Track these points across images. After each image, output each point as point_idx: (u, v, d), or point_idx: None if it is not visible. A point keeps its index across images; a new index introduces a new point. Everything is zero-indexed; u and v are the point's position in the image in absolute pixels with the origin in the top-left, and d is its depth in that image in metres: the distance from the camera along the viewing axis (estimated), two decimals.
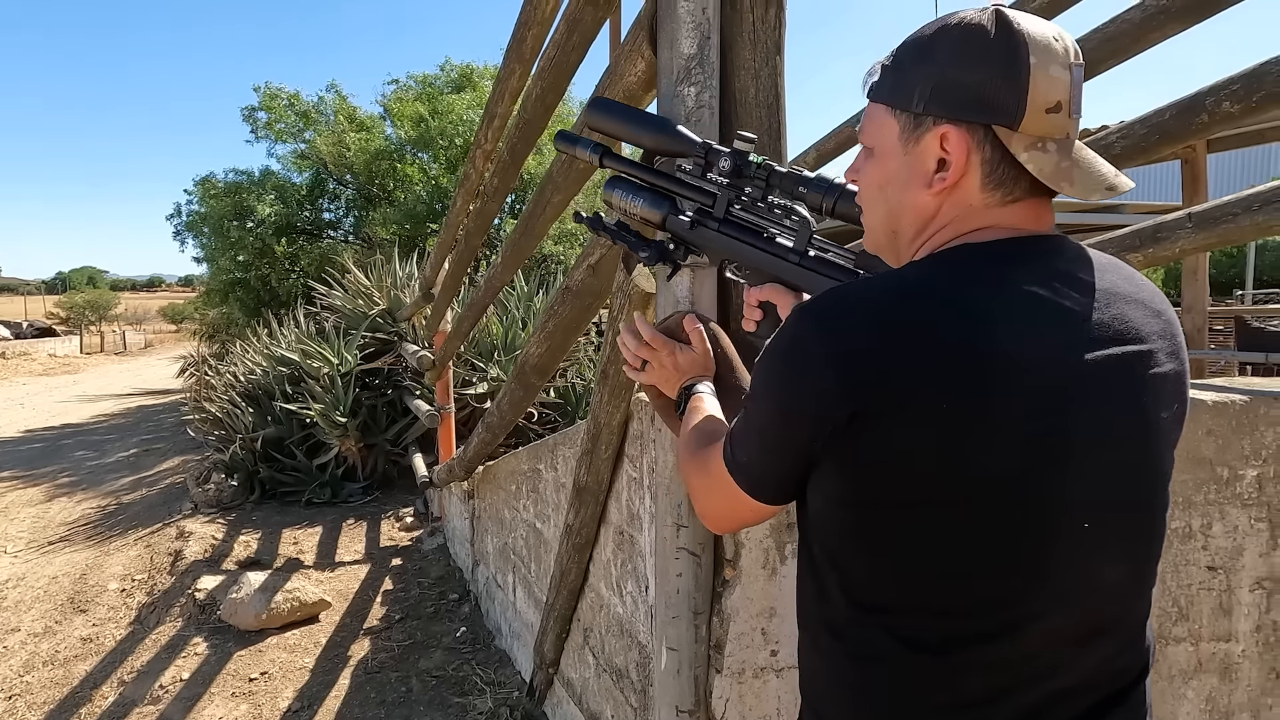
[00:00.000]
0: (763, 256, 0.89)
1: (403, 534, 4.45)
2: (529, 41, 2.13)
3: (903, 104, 0.65)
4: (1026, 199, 0.64)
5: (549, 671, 2.24)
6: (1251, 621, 1.42)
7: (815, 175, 0.86)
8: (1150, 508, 0.67)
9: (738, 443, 0.70)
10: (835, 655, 0.68)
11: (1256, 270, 13.10)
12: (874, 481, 0.61)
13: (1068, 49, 0.61)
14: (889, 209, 0.69)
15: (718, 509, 0.76)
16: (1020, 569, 0.61)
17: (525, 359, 2.15)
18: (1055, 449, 0.59)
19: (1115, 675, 0.67)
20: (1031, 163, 0.61)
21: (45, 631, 3.37)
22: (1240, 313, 6.99)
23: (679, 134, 0.95)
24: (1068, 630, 0.63)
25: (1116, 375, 0.61)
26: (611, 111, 1.00)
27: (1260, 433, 1.39)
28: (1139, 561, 0.67)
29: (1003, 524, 0.60)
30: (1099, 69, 2.15)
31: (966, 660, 0.62)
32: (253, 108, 9.62)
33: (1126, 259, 1.75)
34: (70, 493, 5.85)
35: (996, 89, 0.60)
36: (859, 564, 0.65)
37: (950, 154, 0.62)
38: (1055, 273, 0.62)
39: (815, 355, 0.60)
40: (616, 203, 0.99)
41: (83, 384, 14.56)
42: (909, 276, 0.63)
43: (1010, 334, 0.58)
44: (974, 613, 0.62)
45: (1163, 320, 0.67)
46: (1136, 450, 0.64)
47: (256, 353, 5.96)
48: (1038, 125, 0.60)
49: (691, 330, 0.94)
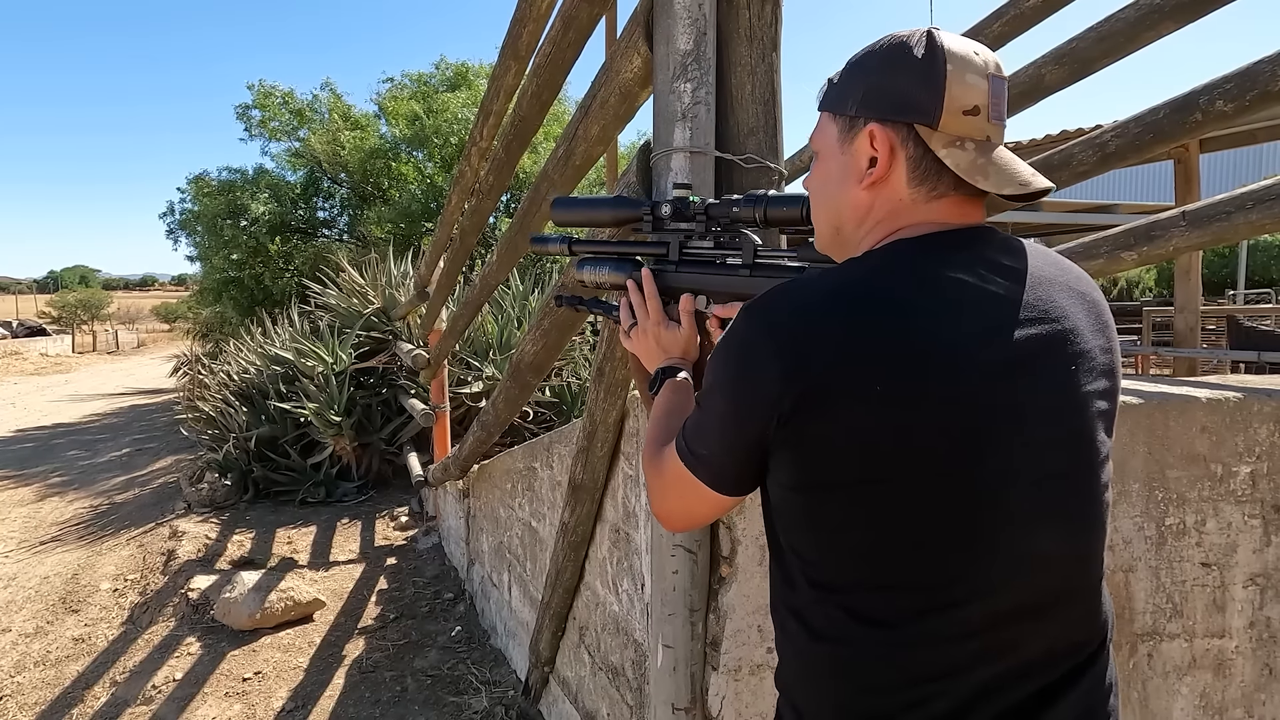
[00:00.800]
0: (718, 279, 0.96)
1: (397, 533, 4.44)
2: (524, 38, 2.13)
3: (840, 110, 0.72)
4: (952, 195, 0.69)
5: (544, 670, 2.24)
6: (1245, 618, 1.43)
7: (741, 195, 0.93)
8: (1088, 481, 0.69)
9: (693, 437, 0.73)
10: (799, 639, 0.71)
11: (1248, 270, 13.19)
12: (820, 465, 0.65)
13: (987, 62, 0.68)
14: (831, 205, 0.75)
15: (672, 505, 0.78)
16: (963, 545, 0.64)
17: (521, 357, 2.15)
18: (987, 427, 0.63)
19: (1074, 648, 0.69)
20: (949, 158, 0.66)
21: (37, 632, 3.35)
22: (1233, 312, 7.03)
23: (628, 201, 1.05)
24: (1018, 604, 0.65)
25: (1043, 354, 0.65)
26: (569, 205, 1.12)
27: (1254, 429, 1.40)
28: (1081, 535, 0.69)
29: (941, 501, 0.63)
30: (1094, 68, 2.16)
31: (921, 635, 0.64)
32: (247, 105, 9.58)
33: (1121, 257, 1.76)
34: (62, 492, 5.81)
35: (916, 92, 0.67)
36: (814, 546, 0.68)
37: (877, 150, 0.69)
38: (982, 260, 0.67)
39: (760, 347, 0.64)
40: (588, 279, 1.09)
41: (75, 383, 14.47)
42: (845, 271, 0.69)
43: (938, 319, 0.63)
44: (923, 588, 0.64)
45: (1087, 301, 0.71)
46: (1067, 425, 0.67)
47: (250, 352, 5.94)
48: (955, 125, 0.66)
49: (684, 312, 0.97)
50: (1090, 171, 1.96)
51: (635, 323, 0.99)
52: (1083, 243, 1.83)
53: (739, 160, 1.22)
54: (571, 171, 1.74)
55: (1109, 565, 1.36)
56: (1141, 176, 16.72)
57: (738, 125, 1.23)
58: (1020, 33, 2.35)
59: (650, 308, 0.98)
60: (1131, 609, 1.38)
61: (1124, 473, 1.34)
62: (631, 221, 1.05)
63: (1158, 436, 1.36)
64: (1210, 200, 1.58)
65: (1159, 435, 1.36)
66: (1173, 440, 1.37)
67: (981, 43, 2.31)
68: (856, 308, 0.63)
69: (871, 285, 0.65)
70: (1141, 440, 1.35)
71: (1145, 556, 1.38)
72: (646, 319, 0.98)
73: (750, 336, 0.66)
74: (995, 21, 2.37)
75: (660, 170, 1.23)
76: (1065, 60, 2.19)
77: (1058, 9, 2.25)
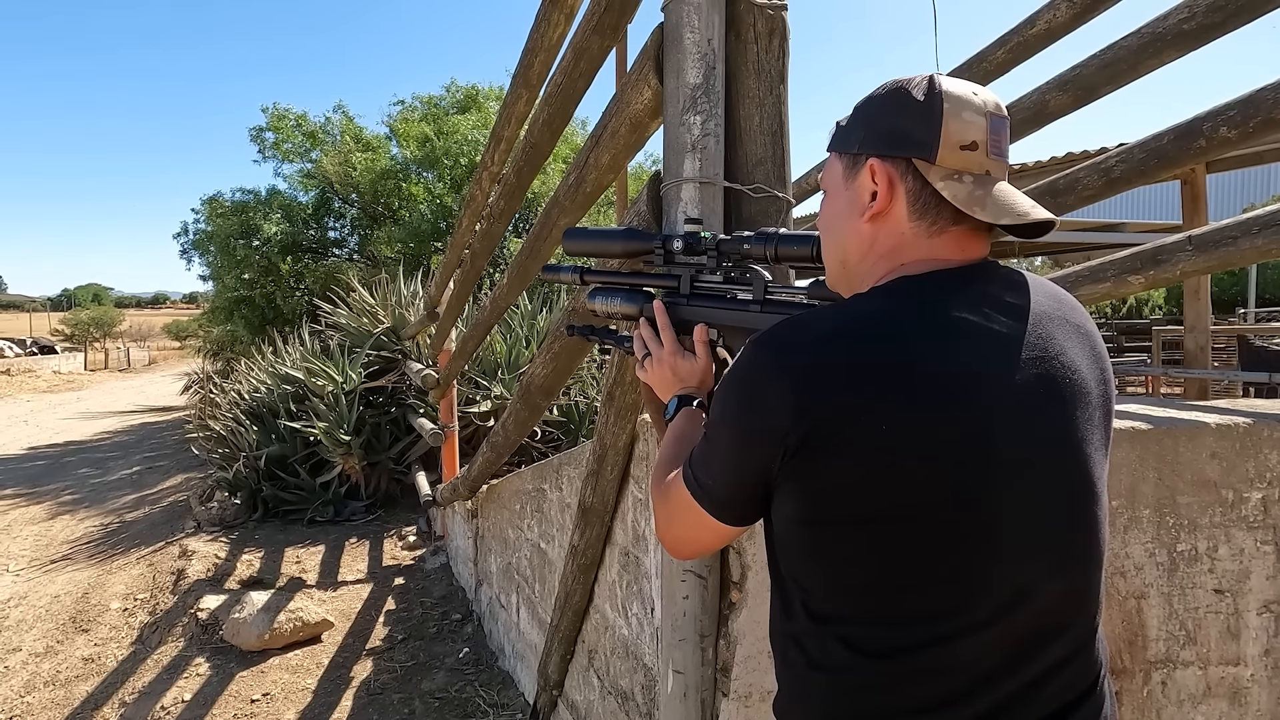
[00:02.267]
0: (729, 314, 0.97)
1: (405, 553, 4.44)
2: (536, 68, 2.17)
3: (845, 148, 0.76)
4: (953, 230, 0.71)
5: (553, 694, 2.23)
6: (1260, 645, 1.41)
7: (753, 232, 0.95)
8: (1085, 519, 0.70)
9: (699, 466, 0.74)
10: (798, 667, 0.72)
11: (1259, 289, 13.12)
12: (826, 500, 0.66)
13: (986, 101, 0.70)
14: (837, 240, 0.78)
15: (677, 533, 0.79)
16: (960, 579, 0.65)
17: (531, 379, 2.17)
18: (987, 465, 0.64)
19: (1065, 687, 0.69)
20: (947, 190, 0.68)
21: (47, 651, 3.36)
22: (1243, 332, 6.99)
23: (640, 234, 1.07)
24: (1011, 640, 0.66)
25: (1043, 392, 0.67)
26: (581, 236, 1.14)
27: (1264, 455, 1.39)
28: (1077, 573, 0.70)
29: (940, 537, 0.64)
30: (1098, 94, 2.18)
31: (915, 668, 0.66)
32: (260, 128, 9.74)
33: (1128, 280, 1.77)
34: (73, 510, 5.85)
35: (914, 129, 0.69)
36: (817, 579, 0.70)
37: (877, 183, 0.71)
38: (985, 298, 0.69)
39: (768, 381, 0.66)
40: (600, 309, 1.10)
41: (86, 401, 14.60)
42: (852, 308, 0.71)
43: (941, 358, 0.64)
44: (920, 622, 0.65)
45: (1082, 334, 0.73)
46: (1066, 463, 0.68)
47: (261, 370, 5.99)
48: (953, 159, 0.69)
49: (699, 342, 0.98)
50: (1096, 196, 1.98)
51: (649, 353, 1.01)
52: (1089, 266, 1.84)
53: (748, 190, 1.24)
54: (582, 199, 1.77)
55: (1121, 591, 1.35)
56: (1149, 195, 16.72)
57: (746, 156, 1.25)
58: (1023, 60, 2.38)
59: (665, 339, 0.99)
60: (1145, 636, 1.37)
61: (1134, 498, 1.34)
62: (643, 254, 1.06)
63: (1167, 462, 1.36)
64: (1216, 225, 1.60)
65: (1169, 461, 1.36)
66: (1183, 466, 1.37)
67: (986, 68, 2.34)
68: (864, 344, 0.65)
69: (878, 322, 0.66)
70: (1151, 466, 1.35)
71: (1157, 583, 1.37)
72: (661, 349, 0.99)
73: (758, 369, 0.67)
74: (999, 49, 2.40)
75: (670, 199, 1.26)
76: (1069, 87, 2.21)
77: (1060, 38, 2.28)
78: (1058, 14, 2.25)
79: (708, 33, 1.21)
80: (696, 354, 0.98)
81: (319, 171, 9.35)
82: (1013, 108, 2.36)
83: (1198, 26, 1.87)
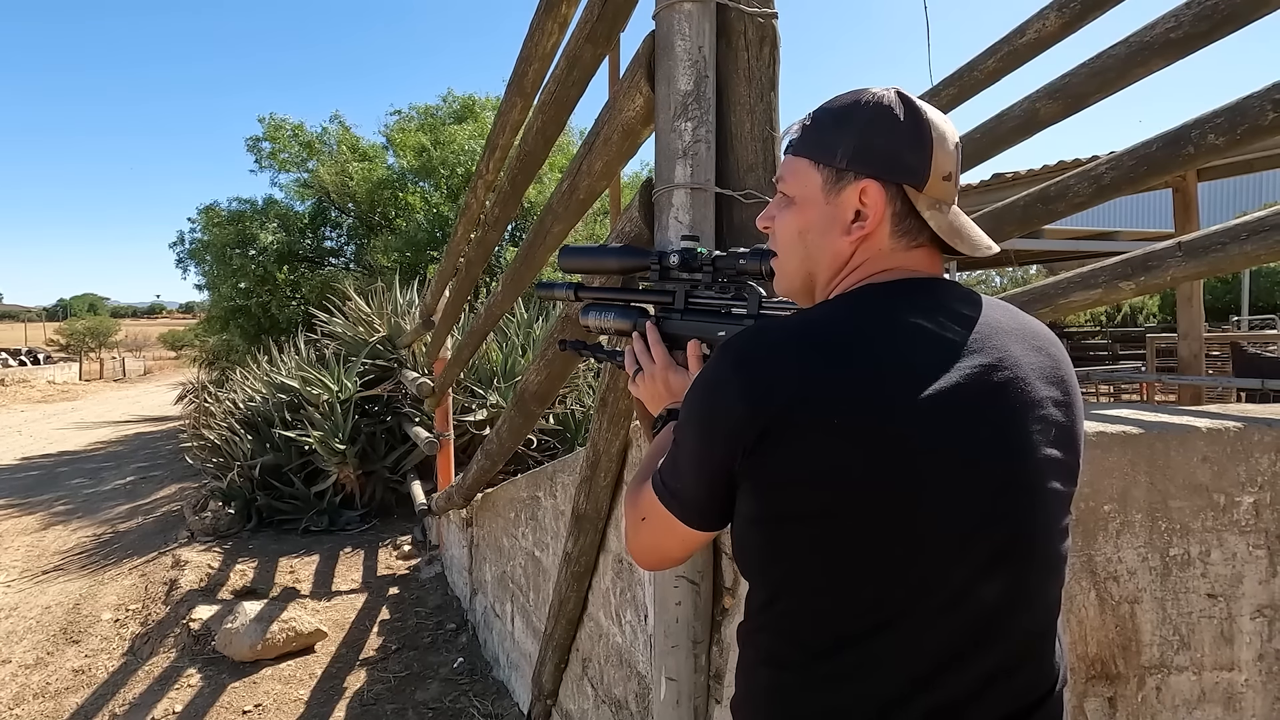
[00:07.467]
0: (723, 329, 0.98)
1: (400, 562, 4.42)
2: (530, 76, 2.18)
3: (825, 159, 0.73)
4: (926, 246, 0.74)
5: (547, 703, 2.21)
6: (1254, 650, 1.41)
7: (748, 249, 0.95)
8: (1030, 528, 0.69)
9: (667, 471, 0.75)
10: (750, 665, 0.74)
11: (1252, 296, 13.19)
12: (776, 498, 0.67)
13: (953, 133, 0.74)
14: (807, 253, 0.77)
15: (644, 539, 0.80)
16: (901, 579, 0.65)
17: (525, 387, 2.16)
18: (933, 466, 0.65)
19: (1015, 694, 0.69)
20: (933, 220, 0.72)
21: (37, 663, 3.33)
22: (1236, 339, 7.02)
23: (635, 251, 1.08)
24: (956, 643, 0.66)
25: (992, 400, 0.67)
26: (577, 253, 1.15)
27: (1255, 459, 1.40)
28: (1021, 577, 0.69)
29: (885, 537, 0.65)
30: (1087, 102, 2.20)
31: (858, 665, 0.66)
32: (257, 138, 9.76)
33: (1119, 286, 1.78)
34: (66, 521, 5.81)
35: (908, 155, 0.71)
36: (773, 577, 0.71)
37: (868, 206, 0.72)
38: (942, 308, 0.70)
39: (729, 382, 0.67)
40: (594, 325, 1.11)
41: (81, 411, 14.53)
42: (814, 314, 0.73)
43: (895, 362, 0.66)
44: (863, 620, 0.66)
45: (1044, 354, 0.73)
46: (1009, 471, 0.68)
47: (256, 380, 5.97)
48: (936, 189, 0.72)
49: (692, 357, 0.98)
50: (1086, 203, 1.99)
51: (640, 369, 1.01)
52: (1081, 272, 1.85)
53: (738, 196, 1.25)
54: (576, 205, 1.78)
55: (1115, 596, 1.35)
56: (1142, 204, 16.83)
57: (737, 162, 1.26)
58: (1013, 69, 2.40)
59: (656, 354, 1.00)
60: (1138, 641, 1.37)
61: (1126, 503, 1.35)
62: (638, 270, 1.07)
63: (1159, 466, 1.36)
64: (1206, 231, 1.61)
65: (1160, 465, 1.36)
66: (1174, 470, 1.37)
67: (976, 77, 2.36)
68: (820, 346, 0.66)
69: (837, 325, 0.68)
70: (1143, 470, 1.36)
71: (1150, 588, 1.37)
72: (653, 365, 0.99)
73: (720, 373, 0.69)
74: (989, 58, 2.42)
75: (662, 205, 1.26)
76: (1059, 95, 2.23)
77: (1049, 47, 2.30)
78: (1047, 24, 2.27)
79: (699, 40, 1.22)
80: (689, 369, 0.98)
81: (315, 181, 9.37)
82: (1003, 116, 2.38)
83: (1184, 35, 1.89)
